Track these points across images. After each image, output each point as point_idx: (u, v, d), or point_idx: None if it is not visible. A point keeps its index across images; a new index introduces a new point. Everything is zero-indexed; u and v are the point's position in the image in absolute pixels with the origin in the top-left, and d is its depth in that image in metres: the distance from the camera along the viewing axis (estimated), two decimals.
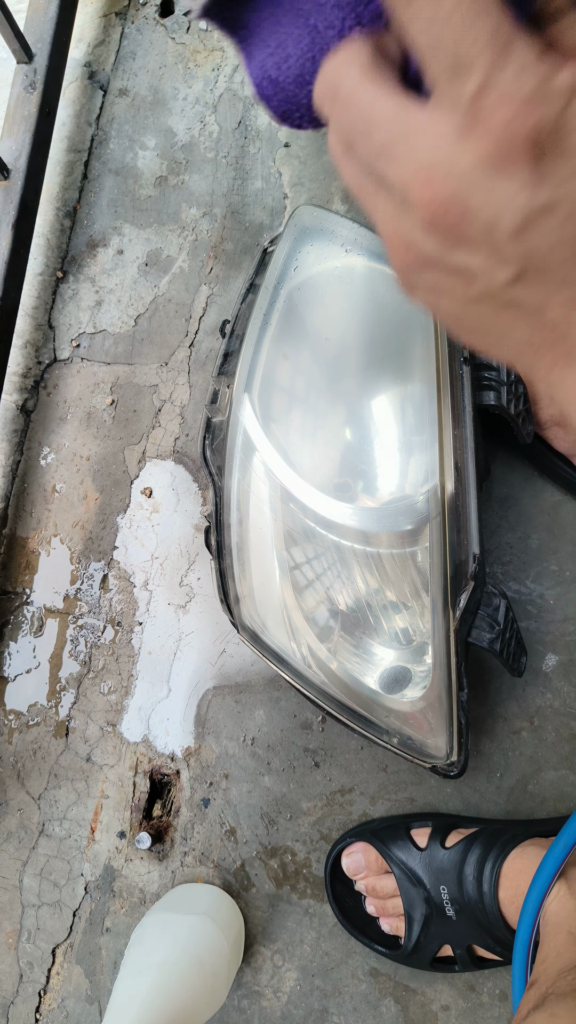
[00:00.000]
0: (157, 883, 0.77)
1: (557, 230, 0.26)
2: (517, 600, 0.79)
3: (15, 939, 0.79)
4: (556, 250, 0.27)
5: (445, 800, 0.75)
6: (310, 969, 0.74)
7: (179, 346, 0.91)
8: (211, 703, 0.80)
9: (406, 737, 0.65)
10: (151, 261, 0.94)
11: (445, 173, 0.27)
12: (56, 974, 0.77)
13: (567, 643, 0.77)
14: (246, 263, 0.92)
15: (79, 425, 0.90)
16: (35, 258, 0.95)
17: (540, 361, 0.31)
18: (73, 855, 0.79)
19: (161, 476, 0.87)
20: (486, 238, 0.27)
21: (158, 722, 0.81)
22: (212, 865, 0.77)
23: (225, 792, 0.78)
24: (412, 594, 0.66)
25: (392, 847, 0.71)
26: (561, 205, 0.26)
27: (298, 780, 0.77)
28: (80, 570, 0.86)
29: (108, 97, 1.01)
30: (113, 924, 0.77)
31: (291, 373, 0.68)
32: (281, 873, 0.76)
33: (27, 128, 0.86)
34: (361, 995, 0.73)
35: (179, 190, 0.96)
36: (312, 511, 0.65)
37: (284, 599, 0.67)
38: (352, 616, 0.67)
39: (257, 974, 0.74)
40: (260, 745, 0.79)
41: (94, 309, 0.94)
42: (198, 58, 1.01)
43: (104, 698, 0.82)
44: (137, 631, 0.83)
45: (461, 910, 0.67)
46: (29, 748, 0.82)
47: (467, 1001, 0.72)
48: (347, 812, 0.76)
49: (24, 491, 0.89)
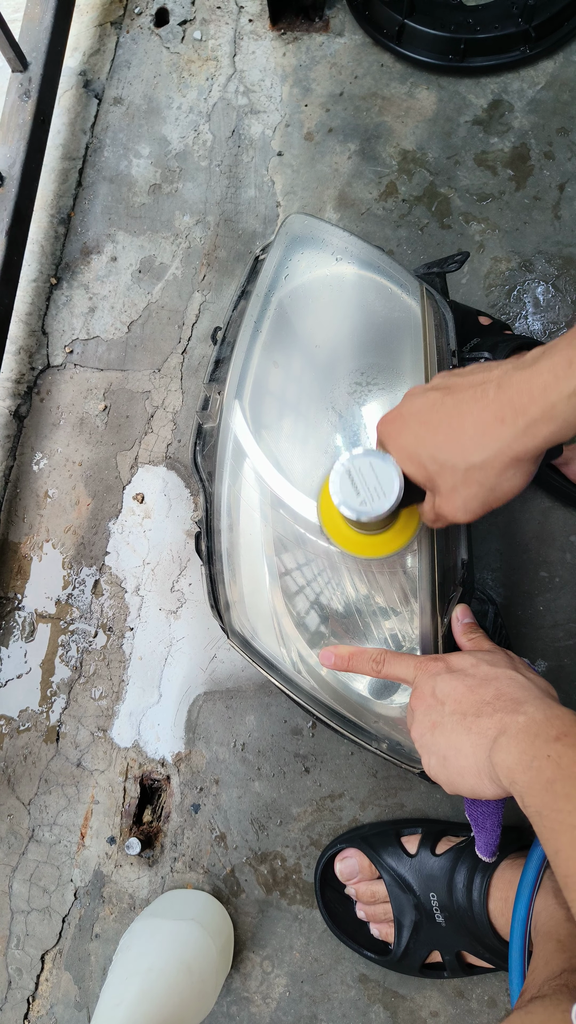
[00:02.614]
0: (147, 889, 0.77)
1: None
2: (506, 606, 0.79)
3: (4, 945, 0.78)
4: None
5: (435, 806, 0.76)
6: (299, 975, 0.74)
7: (172, 352, 0.91)
8: (202, 708, 0.81)
9: (395, 742, 0.65)
10: (144, 268, 0.95)
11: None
12: (45, 980, 0.77)
13: (556, 649, 0.78)
14: (239, 270, 0.92)
15: (72, 431, 0.90)
16: (29, 264, 0.96)
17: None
18: (63, 861, 0.79)
19: (153, 482, 0.87)
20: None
21: (149, 727, 0.81)
22: (202, 871, 0.77)
23: (215, 797, 0.78)
24: (401, 600, 0.66)
25: (382, 853, 0.71)
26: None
27: (288, 785, 0.77)
28: (72, 575, 0.86)
29: (103, 105, 1.02)
30: (102, 930, 0.77)
31: (282, 380, 0.68)
32: (271, 879, 0.76)
33: (22, 136, 0.87)
34: (350, 1001, 0.73)
35: (173, 198, 0.97)
36: (302, 517, 0.65)
37: (274, 605, 0.67)
38: (342, 622, 0.67)
39: (246, 980, 0.74)
40: (250, 751, 0.79)
41: (87, 315, 0.94)
42: (192, 67, 1.02)
43: (95, 703, 0.82)
44: (128, 636, 0.83)
45: (450, 917, 0.67)
46: (20, 753, 0.82)
47: (456, 1007, 0.72)
48: (337, 818, 0.76)
49: (16, 496, 0.89)
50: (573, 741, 0.42)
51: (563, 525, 0.80)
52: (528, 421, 0.44)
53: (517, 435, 0.44)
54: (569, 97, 0.94)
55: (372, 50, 0.98)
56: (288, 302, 0.69)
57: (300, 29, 1.00)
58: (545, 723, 0.44)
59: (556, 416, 0.43)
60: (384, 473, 0.53)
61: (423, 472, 0.51)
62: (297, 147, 0.96)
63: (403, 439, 0.52)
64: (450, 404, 0.49)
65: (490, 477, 0.47)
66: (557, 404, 0.42)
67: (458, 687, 0.50)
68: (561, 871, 0.40)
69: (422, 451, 0.50)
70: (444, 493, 0.51)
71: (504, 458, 0.46)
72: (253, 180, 0.96)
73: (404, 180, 0.93)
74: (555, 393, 0.42)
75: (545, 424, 0.43)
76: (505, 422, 0.45)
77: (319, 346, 0.68)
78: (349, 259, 0.68)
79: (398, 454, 0.53)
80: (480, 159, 0.93)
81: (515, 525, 0.81)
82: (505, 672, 0.50)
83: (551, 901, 0.60)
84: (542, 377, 0.43)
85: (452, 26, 0.92)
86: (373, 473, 0.53)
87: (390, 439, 0.53)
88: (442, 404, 0.49)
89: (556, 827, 0.40)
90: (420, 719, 0.51)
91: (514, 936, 0.59)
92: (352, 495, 0.53)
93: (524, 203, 0.90)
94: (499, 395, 0.45)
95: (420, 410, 0.51)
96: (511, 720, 0.45)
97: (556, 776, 0.40)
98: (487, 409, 0.46)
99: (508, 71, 0.95)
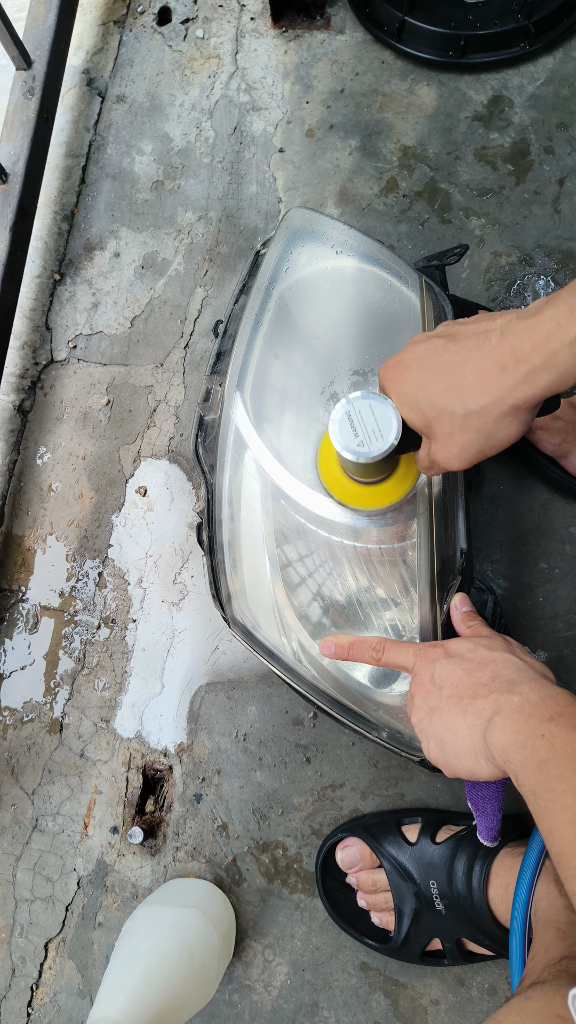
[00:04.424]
0: (149, 878, 0.78)
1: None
2: (506, 597, 0.80)
3: (8, 934, 0.79)
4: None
5: (435, 795, 0.76)
6: (300, 963, 0.74)
7: (174, 347, 0.92)
8: (204, 699, 0.81)
9: (395, 731, 0.66)
10: (147, 264, 0.96)
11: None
12: (48, 968, 0.78)
13: (556, 640, 0.78)
14: (240, 265, 0.93)
15: (75, 425, 0.91)
16: (33, 261, 0.96)
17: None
18: (66, 850, 0.80)
19: (156, 475, 0.88)
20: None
21: (151, 718, 0.82)
22: (204, 860, 0.78)
23: (217, 787, 0.79)
24: (401, 590, 0.67)
25: (383, 842, 0.71)
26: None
27: (290, 775, 0.78)
28: (75, 568, 0.87)
29: (106, 103, 1.03)
30: (105, 919, 0.78)
31: (282, 372, 0.69)
32: (272, 868, 0.77)
33: (25, 133, 0.88)
34: (351, 989, 0.73)
35: (175, 194, 0.98)
36: (303, 507, 0.66)
37: (275, 595, 0.67)
38: (343, 612, 0.67)
39: (248, 968, 0.75)
40: (252, 741, 0.79)
41: (91, 311, 0.95)
42: (195, 65, 1.02)
43: (98, 694, 0.83)
44: (131, 628, 0.84)
45: (450, 905, 0.68)
46: (23, 744, 0.83)
47: (456, 995, 0.72)
48: (338, 807, 0.77)
49: (20, 490, 0.90)
50: (567, 721, 0.42)
51: (563, 517, 0.81)
52: (529, 369, 0.44)
53: (517, 382, 0.45)
54: (569, 93, 0.94)
55: (373, 47, 0.99)
56: (289, 295, 0.69)
57: (301, 27, 1.01)
58: (539, 703, 0.44)
59: (556, 364, 0.43)
60: (383, 416, 0.53)
61: (421, 418, 0.51)
62: (298, 143, 0.97)
63: (403, 384, 0.52)
64: (452, 351, 0.49)
65: (487, 424, 0.47)
66: (558, 352, 0.43)
67: (455, 671, 0.51)
68: (555, 850, 0.40)
69: (421, 396, 0.50)
70: (440, 439, 0.51)
71: (503, 405, 0.46)
72: (255, 176, 0.97)
73: (405, 176, 0.94)
74: (556, 341, 0.42)
75: (545, 372, 0.44)
76: (506, 369, 0.45)
77: (319, 338, 0.69)
78: (349, 252, 0.69)
79: (398, 399, 0.53)
80: (480, 154, 0.93)
81: (515, 517, 0.81)
82: (502, 655, 0.51)
83: (551, 888, 0.61)
84: (544, 326, 0.43)
85: (452, 23, 0.93)
86: (372, 416, 0.54)
87: (391, 384, 0.54)
88: (444, 350, 0.49)
89: (550, 806, 0.40)
90: (419, 704, 0.52)
91: (514, 923, 0.60)
92: (351, 437, 0.54)
93: (524, 198, 0.91)
94: (501, 343, 0.45)
95: (422, 356, 0.51)
96: (505, 700, 0.46)
97: (550, 756, 0.41)
98: (488, 356, 0.46)
99: (508, 67, 0.95)
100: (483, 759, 0.47)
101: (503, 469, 0.82)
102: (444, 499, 0.64)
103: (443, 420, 0.50)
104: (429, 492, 0.63)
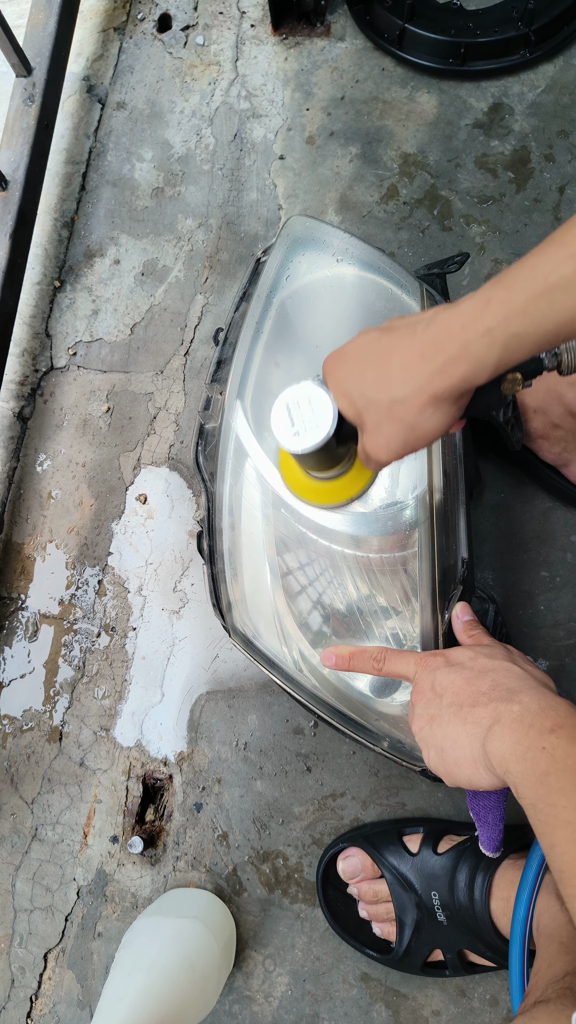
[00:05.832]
0: (149, 888, 0.78)
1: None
2: (507, 606, 0.79)
3: (7, 944, 0.79)
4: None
5: (436, 805, 0.76)
6: (301, 974, 0.74)
7: (174, 354, 0.92)
8: (204, 708, 0.81)
9: (396, 741, 0.66)
10: (147, 271, 0.95)
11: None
12: (48, 979, 0.77)
13: (557, 648, 0.78)
14: (241, 273, 0.93)
15: (75, 432, 0.91)
16: (33, 268, 0.96)
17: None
18: (66, 859, 0.79)
19: (156, 483, 0.88)
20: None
21: (151, 727, 0.81)
22: (204, 870, 0.77)
23: (218, 797, 0.78)
24: (402, 599, 0.67)
25: (384, 852, 0.71)
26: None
27: (290, 785, 0.78)
28: (75, 576, 0.87)
29: (106, 110, 1.03)
30: (105, 929, 0.77)
31: (283, 380, 0.69)
32: (273, 878, 0.76)
33: (25, 140, 0.88)
34: (352, 1000, 0.73)
35: (175, 201, 0.98)
36: (303, 516, 0.65)
37: (276, 604, 0.67)
38: (343, 621, 0.67)
39: (248, 979, 0.75)
40: (253, 750, 0.79)
41: (91, 318, 0.95)
42: (195, 72, 1.02)
43: (98, 703, 0.83)
44: (131, 636, 0.84)
45: (452, 915, 0.67)
46: (23, 753, 0.83)
47: (458, 1006, 0.72)
48: (339, 817, 0.77)
49: (20, 497, 0.90)
50: (568, 733, 0.42)
51: (563, 525, 0.81)
52: (446, 359, 0.44)
53: (435, 372, 0.45)
54: (569, 100, 0.94)
55: (373, 54, 0.99)
56: (289, 303, 0.69)
57: (302, 34, 1.01)
58: (540, 713, 0.44)
59: (470, 354, 0.43)
60: (320, 406, 0.53)
61: (353, 408, 0.52)
62: (299, 151, 0.97)
63: (339, 375, 0.52)
64: (384, 342, 0.49)
65: (410, 414, 0.47)
66: (472, 342, 0.43)
67: (456, 680, 0.50)
68: (556, 866, 0.40)
69: (353, 387, 0.51)
70: (369, 430, 0.51)
71: (424, 395, 0.46)
72: (255, 183, 0.97)
73: (405, 183, 0.94)
74: (471, 331, 0.43)
75: (461, 362, 0.44)
76: (425, 358, 0.45)
77: (320, 347, 0.69)
78: (349, 260, 0.69)
79: (334, 390, 0.53)
80: (481, 162, 0.93)
81: (516, 525, 0.81)
82: (502, 664, 0.50)
83: (553, 902, 0.60)
84: (462, 316, 0.43)
85: (452, 30, 0.93)
86: (310, 407, 0.54)
87: (329, 375, 0.54)
88: (377, 342, 0.49)
89: (551, 821, 0.40)
90: (420, 713, 0.52)
91: (514, 939, 0.59)
92: (288, 427, 0.54)
93: (525, 205, 0.91)
94: (424, 333, 0.46)
95: (358, 347, 0.51)
96: (505, 709, 0.46)
97: (550, 769, 0.41)
98: (412, 346, 0.46)
99: (508, 75, 0.95)
100: (482, 768, 0.46)
101: (504, 477, 0.82)
102: (445, 508, 0.64)
103: (371, 410, 0.50)
104: (430, 501, 0.63)
